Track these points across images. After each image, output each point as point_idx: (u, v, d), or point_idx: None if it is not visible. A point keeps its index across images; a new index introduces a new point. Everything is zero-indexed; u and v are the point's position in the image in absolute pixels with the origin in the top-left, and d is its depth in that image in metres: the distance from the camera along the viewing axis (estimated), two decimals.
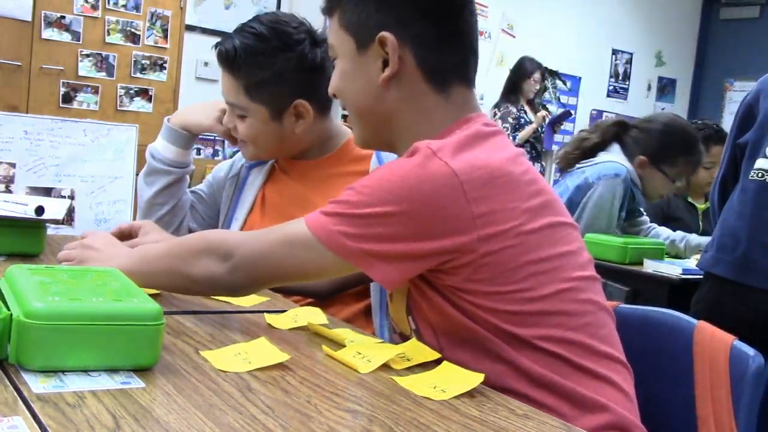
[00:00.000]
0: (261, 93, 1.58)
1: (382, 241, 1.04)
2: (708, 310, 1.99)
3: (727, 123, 5.04)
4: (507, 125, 5.38)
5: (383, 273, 1.06)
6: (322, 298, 1.56)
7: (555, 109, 6.35)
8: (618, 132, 2.83)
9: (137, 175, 2.88)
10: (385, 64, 1.13)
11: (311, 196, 1.63)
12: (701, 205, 3.37)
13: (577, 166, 2.83)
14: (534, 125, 5.46)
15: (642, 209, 3.00)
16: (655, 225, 3.04)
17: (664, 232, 3.01)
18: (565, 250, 1.10)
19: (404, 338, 1.21)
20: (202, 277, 1.15)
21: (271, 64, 1.56)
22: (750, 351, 1.16)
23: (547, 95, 6.38)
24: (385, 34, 1.12)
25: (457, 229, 1.03)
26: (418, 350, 1.05)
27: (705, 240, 2.95)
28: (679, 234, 3.02)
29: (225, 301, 1.29)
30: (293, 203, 1.64)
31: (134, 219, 2.94)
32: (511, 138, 5.36)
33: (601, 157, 2.79)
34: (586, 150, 2.83)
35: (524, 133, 5.40)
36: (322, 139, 1.67)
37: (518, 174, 1.08)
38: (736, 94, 7.38)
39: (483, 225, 1.03)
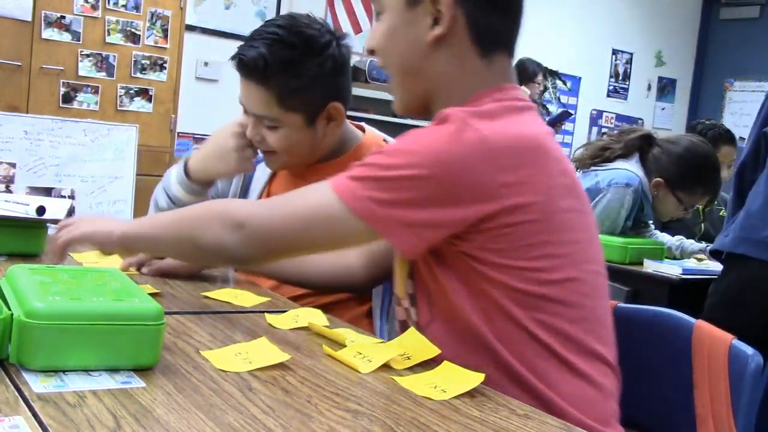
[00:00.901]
0: (295, 101, 1.52)
1: (410, 207, 1.02)
2: (736, 292, 1.98)
3: (728, 123, 5.04)
4: None
5: (408, 242, 1.04)
6: (361, 292, 1.54)
7: (555, 109, 6.35)
8: (642, 146, 2.79)
9: (137, 175, 2.88)
10: (435, 22, 1.10)
11: None
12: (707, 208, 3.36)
13: (592, 168, 2.81)
14: None
15: (649, 221, 2.97)
16: (656, 231, 3.04)
17: (662, 239, 3.01)
18: (582, 238, 1.09)
19: (398, 303, 1.21)
20: (212, 246, 1.12)
21: (304, 71, 1.50)
22: (749, 350, 1.16)
23: (547, 95, 6.37)
24: None
25: (483, 197, 1.02)
26: (418, 348, 1.05)
27: (701, 246, 2.95)
28: (675, 241, 3.02)
29: (226, 302, 1.29)
30: None
31: (133, 219, 2.94)
32: None
33: (617, 163, 2.75)
34: (605, 158, 2.80)
35: None
36: (336, 144, 1.63)
37: (548, 150, 1.07)
38: (736, 94, 7.38)
39: (508, 195, 1.02)
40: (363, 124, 1.73)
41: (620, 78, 7.41)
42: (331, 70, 1.53)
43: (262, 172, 1.71)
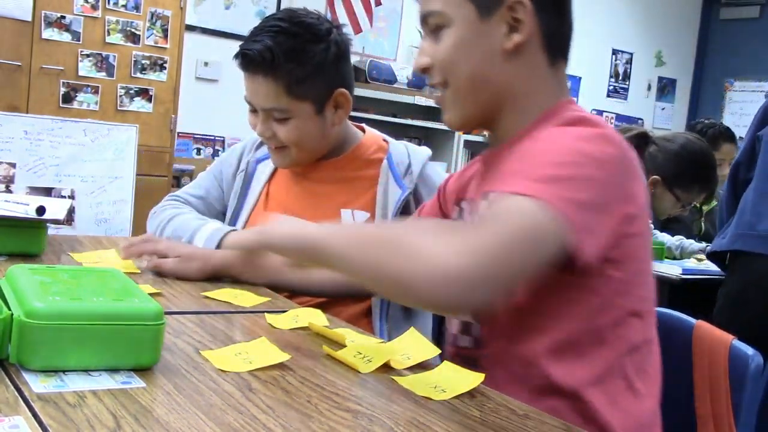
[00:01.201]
0: (304, 89, 1.53)
1: (595, 209, 0.95)
2: (738, 292, 1.99)
3: (728, 123, 5.04)
4: None
5: (593, 245, 0.94)
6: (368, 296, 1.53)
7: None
8: (638, 144, 2.80)
9: (137, 175, 2.88)
10: (511, 30, 1.08)
11: (316, 196, 1.63)
12: (706, 206, 3.36)
13: None
14: None
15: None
16: (655, 231, 3.04)
17: (662, 239, 3.00)
18: (648, 267, 1.08)
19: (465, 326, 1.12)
20: (425, 298, 0.90)
21: (309, 58, 1.52)
22: (749, 350, 1.16)
23: None
24: None
25: (626, 199, 1.00)
26: (418, 348, 1.05)
27: (701, 246, 2.95)
28: (675, 241, 3.02)
29: (226, 302, 1.29)
30: (298, 201, 1.64)
31: (134, 219, 2.95)
32: None
33: None
34: None
35: None
36: (338, 140, 1.65)
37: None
38: (736, 94, 7.37)
39: (634, 201, 1.01)
40: (363, 125, 1.74)
41: (620, 78, 7.41)
42: (334, 57, 1.55)
43: (262, 171, 1.71)
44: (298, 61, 1.51)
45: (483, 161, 1.20)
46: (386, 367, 1.00)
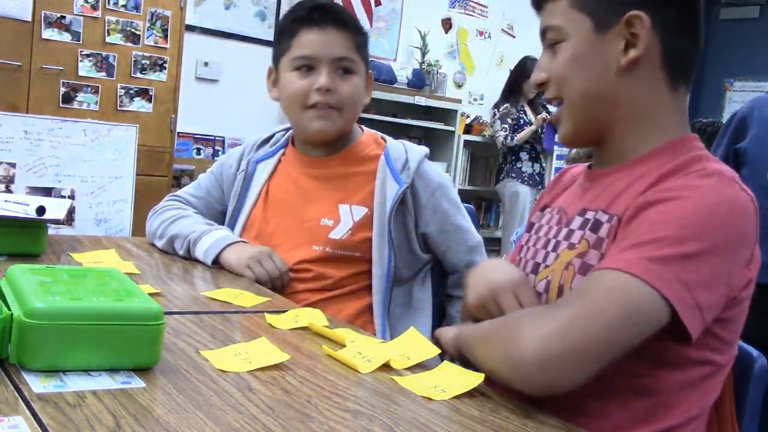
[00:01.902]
0: (362, 52, 1.65)
1: (707, 287, 0.93)
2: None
3: None
4: (506, 125, 5.37)
5: (697, 326, 0.93)
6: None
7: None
8: None
9: (137, 175, 2.88)
10: (628, 45, 1.05)
11: (315, 192, 1.64)
12: None
13: None
14: (534, 127, 5.41)
15: None
16: None
17: None
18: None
19: None
20: (526, 388, 0.92)
21: (363, 31, 1.68)
22: (753, 351, 1.16)
23: None
24: (637, 12, 1.04)
25: (747, 262, 0.99)
26: (418, 348, 1.05)
27: None
28: None
29: (226, 302, 1.29)
30: (297, 198, 1.65)
31: (134, 219, 2.95)
32: (509, 139, 5.36)
33: None
34: None
35: (523, 135, 5.36)
36: (342, 135, 1.68)
37: None
38: (736, 94, 7.37)
39: (750, 265, 1.00)
40: (362, 125, 1.75)
41: None
42: (367, 42, 1.69)
43: (261, 171, 1.72)
44: (358, 27, 1.66)
45: (587, 177, 1.16)
46: (386, 367, 1.00)
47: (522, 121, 5.43)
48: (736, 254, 0.97)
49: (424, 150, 1.66)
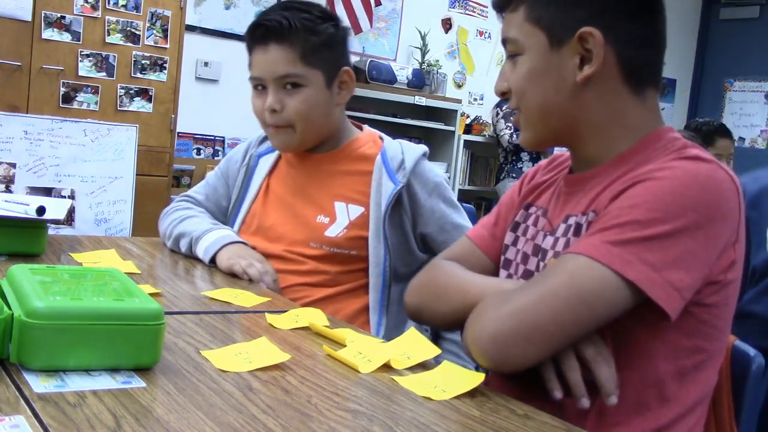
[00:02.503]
0: (316, 59, 1.59)
1: (681, 266, 0.94)
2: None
3: (727, 123, 5.03)
4: (510, 124, 5.37)
5: (675, 306, 0.94)
6: None
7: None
8: None
9: (137, 175, 2.88)
10: (583, 61, 1.06)
11: (312, 189, 1.65)
12: None
13: None
14: None
15: None
16: None
17: None
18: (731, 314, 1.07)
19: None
20: (478, 354, 0.99)
21: (321, 31, 1.60)
22: (751, 351, 1.16)
23: None
24: (589, 29, 1.04)
25: (730, 244, 0.99)
26: (418, 348, 1.05)
27: None
28: None
29: (226, 302, 1.29)
30: (295, 194, 1.66)
31: (134, 219, 2.95)
32: (515, 137, 5.35)
33: None
34: None
35: None
36: (336, 131, 1.68)
37: None
38: (736, 94, 7.37)
39: (730, 249, 0.99)
40: (363, 125, 1.75)
41: None
42: (341, 37, 1.64)
43: (263, 165, 1.73)
44: (311, 31, 1.59)
45: (568, 182, 1.16)
46: (386, 367, 1.00)
47: None
48: (712, 232, 0.96)
49: (421, 149, 1.66)
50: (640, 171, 1.01)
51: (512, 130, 5.37)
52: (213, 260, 1.57)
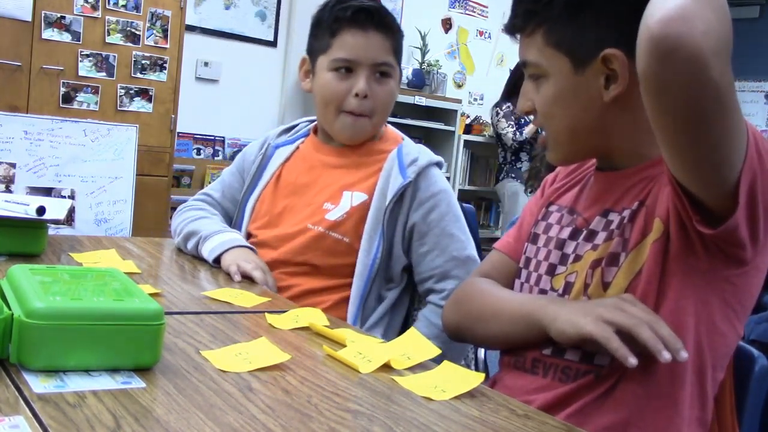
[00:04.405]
0: (399, 57, 1.65)
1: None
2: None
3: None
4: (511, 122, 5.37)
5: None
6: None
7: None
8: None
9: (137, 175, 2.88)
10: (608, 79, 1.06)
11: (323, 178, 1.66)
12: None
13: None
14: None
15: None
16: None
17: None
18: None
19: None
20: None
21: (400, 29, 1.67)
22: (754, 352, 1.16)
23: None
24: (612, 51, 1.04)
25: None
26: (418, 348, 1.05)
27: None
28: None
29: (226, 302, 1.29)
30: (306, 182, 1.67)
31: (134, 219, 2.95)
32: (518, 134, 5.35)
33: None
34: None
35: (531, 128, 5.34)
36: None
37: None
38: (736, 94, 7.38)
39: None
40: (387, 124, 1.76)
41: None
42: (402, 43, 1.69)
43: (279, 155, 1.74)
44: (397, 30, 1.64)
45: (602, 179, 1.16)
46: (386, 367, 1.00)
47: (523, 120, 5.43)
48: None
49: (437, 157, 1.67)
50: None
51: (514, 128, 5.36)
52: (217, 261, 1.57)
